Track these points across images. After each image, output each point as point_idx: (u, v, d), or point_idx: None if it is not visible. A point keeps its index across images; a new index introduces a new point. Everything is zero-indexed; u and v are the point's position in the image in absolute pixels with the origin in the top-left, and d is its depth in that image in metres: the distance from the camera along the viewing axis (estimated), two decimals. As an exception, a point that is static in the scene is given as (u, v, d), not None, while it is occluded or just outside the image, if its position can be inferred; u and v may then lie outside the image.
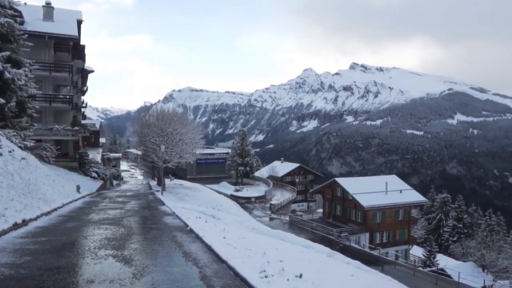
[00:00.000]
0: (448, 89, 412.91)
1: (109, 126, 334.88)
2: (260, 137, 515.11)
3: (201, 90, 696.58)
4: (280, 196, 68.16)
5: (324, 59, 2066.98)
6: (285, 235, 17.66)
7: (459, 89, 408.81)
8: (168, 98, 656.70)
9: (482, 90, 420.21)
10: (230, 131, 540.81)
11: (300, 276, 7.80)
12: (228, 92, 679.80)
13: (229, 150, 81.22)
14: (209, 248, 10.73)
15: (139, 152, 62.02)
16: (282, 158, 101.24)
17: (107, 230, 13.62)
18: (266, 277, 7.65)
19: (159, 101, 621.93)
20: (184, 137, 37.40)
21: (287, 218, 52.86)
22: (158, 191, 33.94)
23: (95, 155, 48.76)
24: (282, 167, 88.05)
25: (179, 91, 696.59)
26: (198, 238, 12.44)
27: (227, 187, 66.37)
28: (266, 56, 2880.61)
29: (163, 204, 24.59)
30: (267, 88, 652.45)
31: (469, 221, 68.27)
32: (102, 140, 73.14)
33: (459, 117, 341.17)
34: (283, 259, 9.38)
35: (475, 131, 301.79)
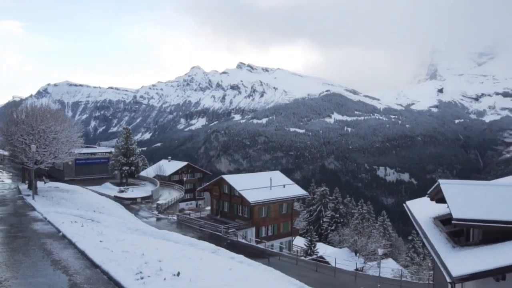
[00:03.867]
0: (326, 91, 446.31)
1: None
2: (147, 136, 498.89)
3: (81, 85, 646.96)
4: (168, 196, 66.87)
5: (212, 58, 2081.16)
6: (170, 235, 17.33)
7: (335, 91, 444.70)
8: (42, 93, 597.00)
9: (354, 92, 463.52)
10: (114, 129, 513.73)
11: (178, 274, 7.68)
12: (111, 88, 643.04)
13: (113, 149, 77.02)
14: (82, 254, 10.02)
15: (6, 153, 55.32)
16: (170, 157, 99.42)
17: (-41, 242, 11.87)
18: (142, 278, 7.38)
19: (31, 96, 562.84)
20: (59, 135, 34.40)
21: (175, 218, 52.04)
22: (29, 195, 30.77)
23: None
24: (169, 166, 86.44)
25: (55, 85, 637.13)
26: (71, 243, 11.55)
27: (110, 188, 62.92)
28: (152, 52, 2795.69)
29: (33, 209, 22.41)
30: (153, 85, 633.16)
31: (344, 211, 74.90)
32: (-41, 139, 63.59)
33: (336, 116, 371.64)
34: (163, 258, 9.15)
35: (349, 129, 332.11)
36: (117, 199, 54.42)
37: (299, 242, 57.21)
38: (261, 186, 49.78)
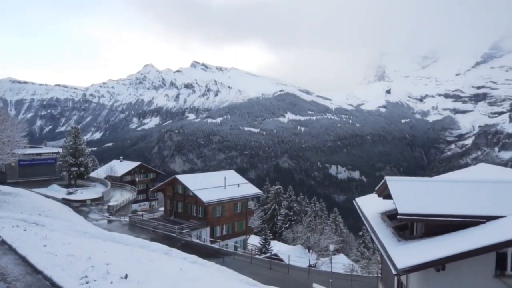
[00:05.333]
0: (280, 90, 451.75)
1: None
2: (98, 135, 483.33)
3: (25, 82, 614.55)
4: (120, 197, 65.14)
5: (166, 56, 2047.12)
6: (120, 237, 16.85)
7: (289, 91, 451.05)
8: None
9: (307, 92, 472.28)
10: (62, 129, 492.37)
11: (126, 277, 7.46)
12: (58, 85, 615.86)
13: (60, 150, 73.92)
14: (23, 259, 9.50)
15: None
16: (121, 157, 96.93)
17: None
18: (87, 283, 7.11)
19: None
20: (0, 135, 32.53)
21: (127, 219, 50.76)
22: (-35, 199, 28.83)
23: None
24: (121, 166, 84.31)
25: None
26: (11, 249, 10.92)
27: (57, 190, 60.44)
28: (103, 49, 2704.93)
29: (-30, 214, 20.96)
30: (104, 83, 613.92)
31: (298, 208, 76.08)
32: None
33: (289, 115, 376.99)
34: (111, 261, 8.86)
35: (302, 129, 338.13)
36: (65, 201, 52.44)
37: (254, 240, 57.47)
38: (216, 185, 49.58)
